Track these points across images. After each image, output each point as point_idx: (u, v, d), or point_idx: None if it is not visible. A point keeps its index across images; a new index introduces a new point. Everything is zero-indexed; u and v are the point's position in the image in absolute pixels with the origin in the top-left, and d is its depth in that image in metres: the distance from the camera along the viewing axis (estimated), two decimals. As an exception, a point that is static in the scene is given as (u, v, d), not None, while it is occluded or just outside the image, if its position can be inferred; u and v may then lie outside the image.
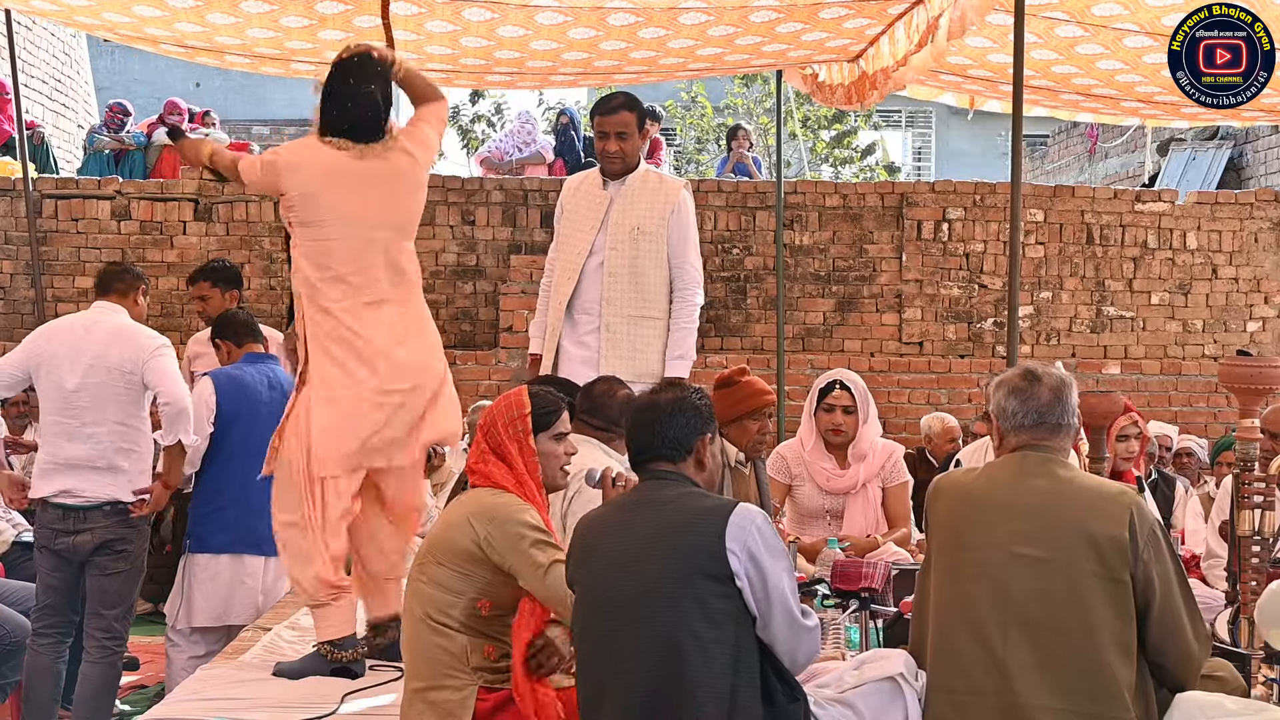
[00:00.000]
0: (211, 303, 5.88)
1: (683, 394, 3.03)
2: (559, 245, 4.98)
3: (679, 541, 2.78)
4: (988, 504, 3.07)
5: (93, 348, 4.69)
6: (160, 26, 6.39)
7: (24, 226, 8.72)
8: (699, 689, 2.70)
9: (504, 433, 3.30)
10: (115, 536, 4.67)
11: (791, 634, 2.82)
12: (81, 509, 4.64)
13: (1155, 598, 2.95)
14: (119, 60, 18.55)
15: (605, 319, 4.79)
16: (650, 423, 2.98)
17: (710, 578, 2.74)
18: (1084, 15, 5.65)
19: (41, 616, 4.69)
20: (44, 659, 4.67)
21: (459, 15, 6.05)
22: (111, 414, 4.68)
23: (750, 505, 2.85)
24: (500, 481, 3.26)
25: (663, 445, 2.95)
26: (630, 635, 2.77)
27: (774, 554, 2.79)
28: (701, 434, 2.99)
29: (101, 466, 4.67)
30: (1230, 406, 8.34)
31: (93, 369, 4.67)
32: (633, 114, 4.82)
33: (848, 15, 6.03)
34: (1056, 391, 3.15)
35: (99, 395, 4.66)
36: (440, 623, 3.19)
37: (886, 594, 3.79)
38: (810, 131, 17.21)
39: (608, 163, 4.85)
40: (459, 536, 3.18)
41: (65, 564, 4.68)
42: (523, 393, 3.38)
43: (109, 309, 4.84)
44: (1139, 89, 6.84)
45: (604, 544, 2.90)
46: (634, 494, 3.02)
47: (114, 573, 4.70)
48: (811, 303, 9.08)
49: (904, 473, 5.25)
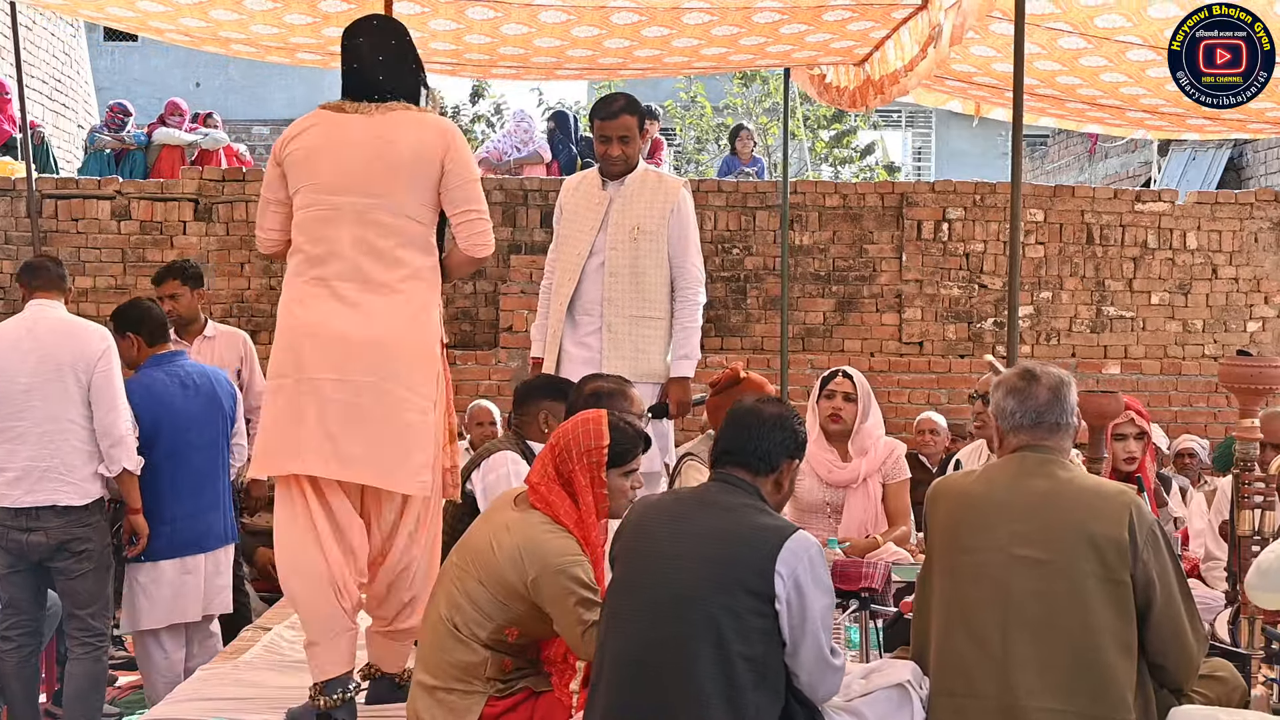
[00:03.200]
0: (182, 301, 5.81)
1: (786, 412, 3.01)
2: (559, 246, 4.97)
3: (730, 550, 2.78)
4: (987, 506, 3.07)
5: (39, 347, 4.60)
6: (164, 20, 6.40)
7: (24, 226, 8.73)
8: (713, 698, 2.69)
9: (576, 461, 3.16)
10: (70, 537, 4.59)
11: (817, 668, 2.82)
12: (34, 509, 4.54)
13: (1155, 598, 2.95)
14: (119, 60, 18.56)
15: (607, 319, 4.78)
16: (746, 428, 2.96)
17: (751, 594, 2.74)
18: (1087, 27, 5.65)
19: (5, 616, 4.61)
20: (9, 663, 4.60)
21: (462, 14, 6.06)
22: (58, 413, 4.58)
23: (809, 535, 2.84)
24: (560, 517, 3.14)
25: (751, 454, 2.93)
26: (655, 627, 2.77)
27: (820, 588, 2.79)
28: (791, 458, 2.97)
29: (54, 465, 4.57)
30: (1230, 406, 8.34)
31: (40, 368, 4.57)
32: (634, 117, 4.82)
33: (851, 18, 6.02)
34: (1055, 391, 3.14)
35: (48, 394, 4.57)
36: (465, 635, 3.14)
37: (886, 594, 3.79)
38: (810, 131, 17.22)
39: (610, 165, 4.85)
40: (506, 567, 3.09)
41: (20, 560, 4.59)
42: (602, 421, 3.22)
43: (48, 305, 4.74)
44: (1143, 101, 6.83)
45: (656, 532, 2.88)
46: (701, 490, 2.99)
47: (80, 574, 4.63)
48: (811, 303, 9.08)
49: (905, 469, 5.25)
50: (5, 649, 4.60)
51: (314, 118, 3.61)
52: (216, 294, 8.86)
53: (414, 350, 3.49)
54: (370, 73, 3.58)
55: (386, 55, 3.60)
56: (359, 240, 3.47)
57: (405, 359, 3.46)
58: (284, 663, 4.17)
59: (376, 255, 3.48)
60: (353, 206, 3.48)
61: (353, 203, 3.48)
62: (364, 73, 3.59)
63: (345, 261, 3.47)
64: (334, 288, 3.47)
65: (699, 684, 2.71)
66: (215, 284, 8.89)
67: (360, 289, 3.46)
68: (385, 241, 3.49)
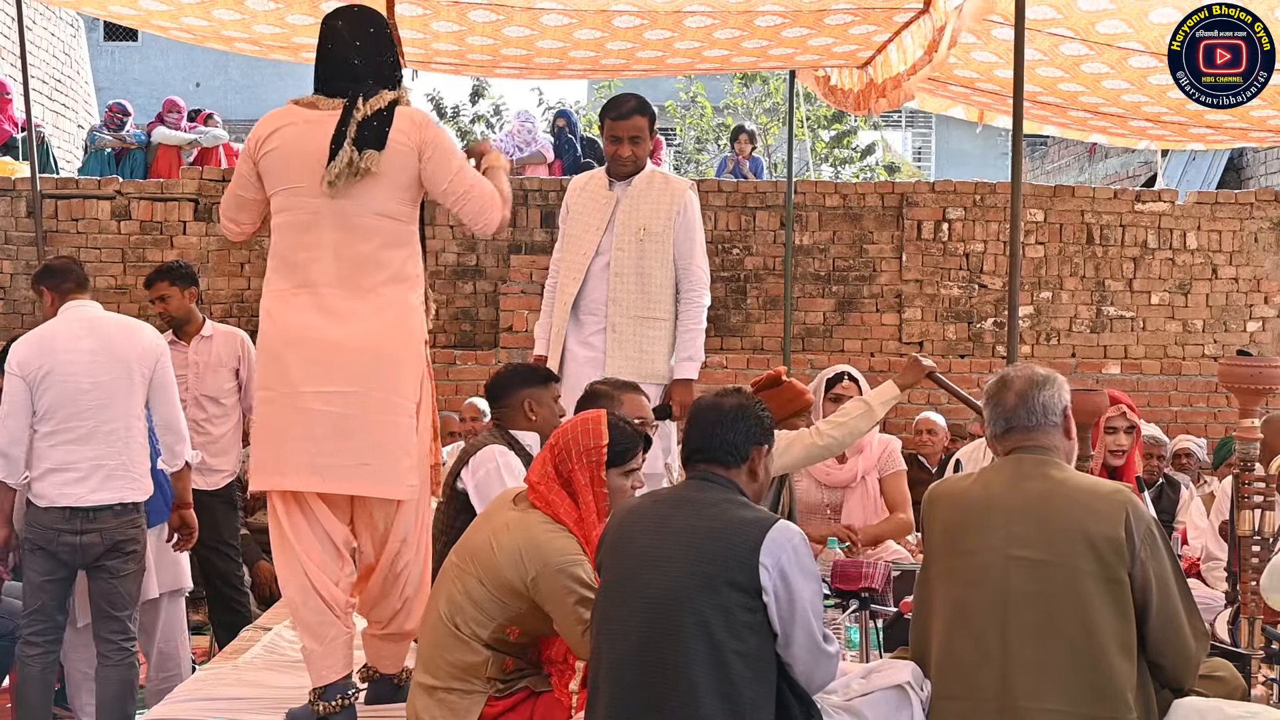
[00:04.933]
0: (172, 302, 5.78)
1: (746, 401, 2.99)
2: (565, 246, 4.96)
3: (712, 547, 2.76)
4: (984, 508, 3.07)
5: (105, 345, 4.53)
6: (166, 19, 6.41)
7: (24, 227, 8.73)
8: (708, 695, 2.69)
9: (576, 461, 3.16)
10: (125, 538, 4.52)
11: (811, 657, 2.81)
12: (90, 510, 4.45)
13: (1153, 596, 2.95)
14: (119, 60, 18.57)
15: (611, 320, 4.78)
16: (710, 423, 2.94)
17: (738, 588, 2.72)
18: (1088, 33, 5.65)
19: (32, 622, 4.50)
20: (34, 669, 4.50)
21: (464, 16, 6.06)
22: (124, 410, 4.53)
23: (790, 524, 2.83)
24: (560, 516, 3.15)
25: (719, 449, 2.92)
26: (646, 630, 2.76)
27: (806, 575, 2.78)
28: (760, 444, 2.95)
29: (122, 463, 4.51)
30: (1230, 406, 8.35)
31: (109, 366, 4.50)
32: (645, 118, 4.82)
33: (853, 22, 6.03)
34: (1022, 394, 3.14)
35: (114, 392, 4.51)
36: (466, 635, 3.14)
37: (886, 594, 3.79)
38: (810, 131, 17.23)
39: (619, 166, 4.85)
40: (506, 567, 3.09)
41: (60, 567, 4.49)
42: (602, 421, 3.22)
43: (89, 305, 4.68)
44: (1145, 109, 6.83)
45: (638, 536, 2.87)
46: (678, 490, 2.99)
47: (126, 574, 4.54)
48: (811, 303, 9.09)
49: (900, 461, 5.28)
50: (32, 654, 4.49)
51: (287, 115, 3.55)
52: (216, 294, 8.87)
53: (398, 355, 3.47)
54: (344, 57, 3.54)
55: (363, 40, 3.55)
56: (339, 245, 3.45)
57: (389, 365, 3.45)
58: (284, 663, 4.18)
59: (357, 259, 3.46)
60: (331, 210, 3.45)
61: (330, 206, 3.45)
62: (338, 56, 3.55)
63: (326, 267, 3.46)
64: (316, 294, 3.46)
65: (695, 684, 2.70)
66: (215, 284, 8.89)
67: (342, 295, 3.45)
68: (365, 245, 3.47)
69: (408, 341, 3.50)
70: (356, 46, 3.55)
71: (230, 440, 5.84)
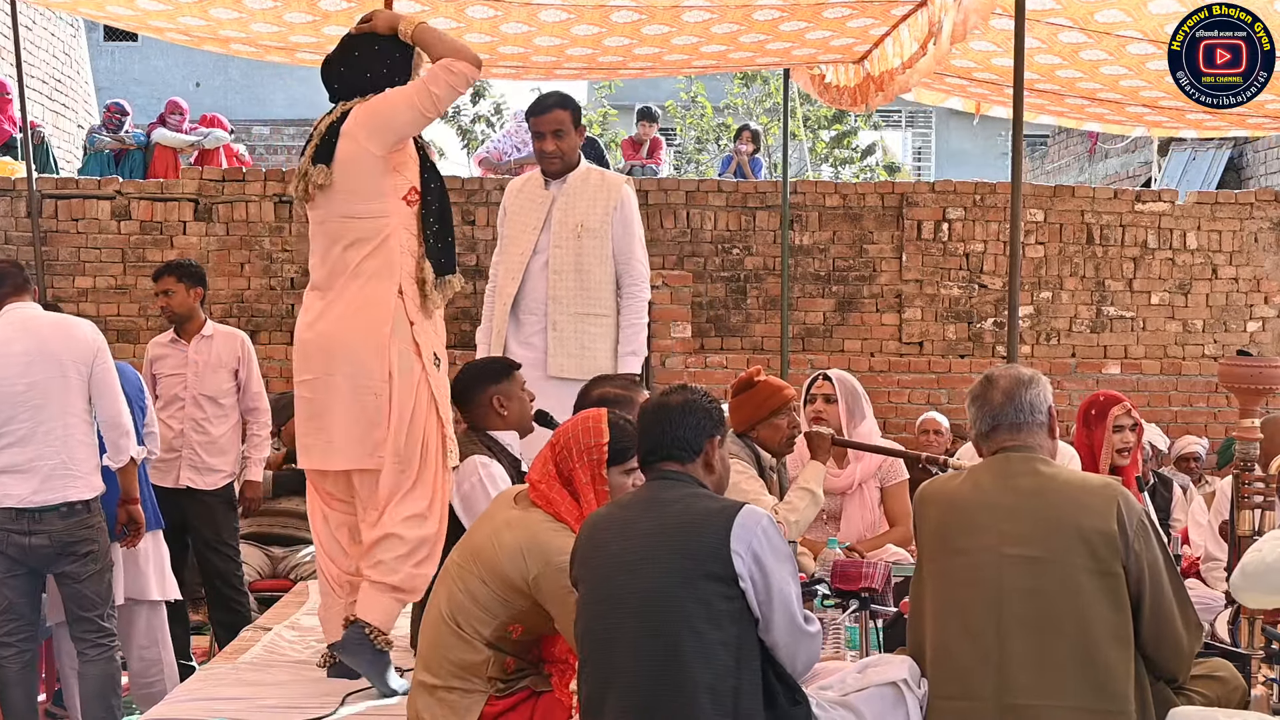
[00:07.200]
0: (175, 298, 5.77)
1: (692, 396, 3.00)
2: (503, 247, 4.96)
3: (684, 542, 2.77)
4: (975, 507, 3.08)
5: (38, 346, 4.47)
6: (164, 20, 6.41)
7: (24, 227, 8.72)
8: (700, 690, 2.69)
9: (576, 459, 3.18)
10: (74, 539, 4.43)
11: (792, 638, 2.81)
12: (34, 511, 4.37)
13: (1146, 587, 2.96)
14: (119, 60, 18.56)
15: (552, 318, 4.77)
16: (660, 422, 2.95)
17: (714, 579, 2.73)
18: (1087, 22, 5.65)
19: (2, 623, 4.44)
20: (11, 669, 4.45)
21: (462, 13, 6.07)
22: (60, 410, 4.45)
23: (756, 507, 2.83)
24: (562, 514, 3.16)
25: (672, 446, 2.93)
26: (633, 635, 2.76)
27: (778, 557, 2.79)
28: (711, 436, 2.97)
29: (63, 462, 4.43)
30: (1230, 406, 8.34)
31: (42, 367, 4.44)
32: (566, 112, 4.81)
33: (851, 15, 6.03)
34: (1008, 393, 3.15)
35: (50, 392, 4.43)
36: (468, 634, 3.15)
37: (886, 594, 3.79)
38: (810, 131, 17.22)
39: (546, 162, 4.86)
40: (507, 565, 3.10)
41: (18, 565, 4.42)
42: (602, 420, 3.24)
43: (27, 306, 4.61)
44: (1143, 94, 6.84)
45: (608, 544, 2.87)
46: (640, 493, 2.99)
47: (88, 576, 4.49)
48: (811, 303, 9.09)
49: (902, 470, 5.24)
50: (6, 655, 4.46)
51: None
52: (216, 294, 8.85)
53: (355, 342, 3.83)
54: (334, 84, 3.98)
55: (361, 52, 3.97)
56: (325, 249, 3.92)
57: (347, 351, 3.83)
58: (284, 662, 4.18)
59: (334, 260, 3.89)
60: (315, 218, 3.94)
61: (315, 214, 3.95)
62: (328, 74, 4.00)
63: (319, 270, 3.95)
64: (312, 295, 3.97)
65: (687, 679, 2.70)
66: (215, 284, 8.86)
67: (323, 294, 3.92)
68: (337, 246, 3.89)
69: (368, 329, 3.82)
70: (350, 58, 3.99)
71: (229, 440, 5.83)
